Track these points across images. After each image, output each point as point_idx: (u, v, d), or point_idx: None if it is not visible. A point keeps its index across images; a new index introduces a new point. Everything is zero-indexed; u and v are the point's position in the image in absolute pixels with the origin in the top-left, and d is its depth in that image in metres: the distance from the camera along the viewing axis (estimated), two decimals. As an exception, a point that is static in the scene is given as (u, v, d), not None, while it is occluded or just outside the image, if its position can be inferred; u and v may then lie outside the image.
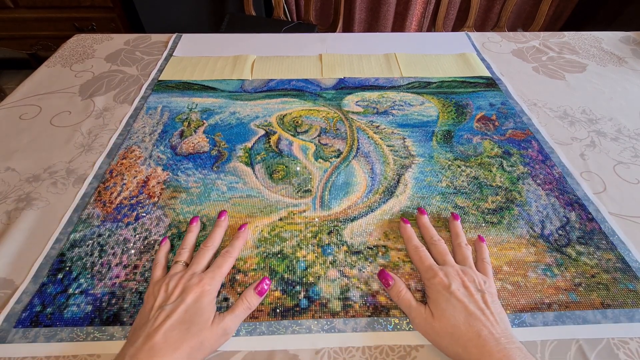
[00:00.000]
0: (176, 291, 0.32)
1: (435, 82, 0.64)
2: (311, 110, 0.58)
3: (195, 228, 0.40)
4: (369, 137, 0.53)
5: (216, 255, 0.37)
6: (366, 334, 0.33)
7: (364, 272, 0.37)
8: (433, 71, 0.67)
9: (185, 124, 0.55)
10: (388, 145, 0.52)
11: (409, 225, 0.40)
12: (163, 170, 0.48)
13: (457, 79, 0.65)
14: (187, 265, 0.35)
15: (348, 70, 0.67)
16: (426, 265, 0.35)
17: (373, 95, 0.61)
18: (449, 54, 0.72)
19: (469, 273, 0.33)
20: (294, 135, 0.53)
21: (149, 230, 0.40)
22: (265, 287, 0.34)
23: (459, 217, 0.41)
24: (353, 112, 0.58)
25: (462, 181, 0.46)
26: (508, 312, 0.34)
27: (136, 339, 0.28)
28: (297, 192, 0.45)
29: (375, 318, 0.34)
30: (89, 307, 0.34)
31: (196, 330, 0.29)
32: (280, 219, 0.42)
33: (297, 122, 0.56)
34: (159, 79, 0.65)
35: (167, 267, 0.36)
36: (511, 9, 1.13)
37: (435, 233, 0.39)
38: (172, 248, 0.39)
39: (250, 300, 0.33)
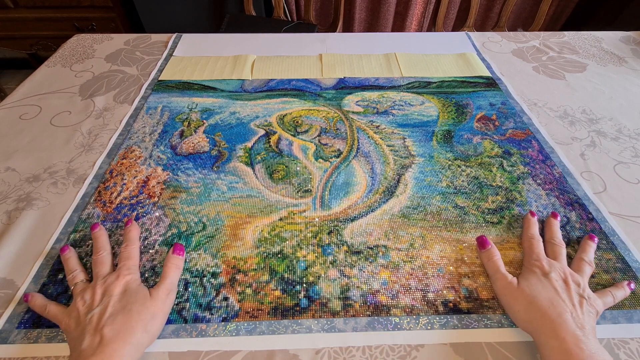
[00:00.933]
0: (97, 296, 0.30)
1: (435, 82, 0.64)
2: (311, 110, 0.58)
3: (70, 253, 0.36)
4: (369, 137, 0.53)
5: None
6: (366, 333, 0.33)
7: (364, 271, 0.37)
8: (433, 71, 0.67)
9: (186, 123, 0.55)
10: (388, 145, 0.52)
11: (535, 217, 0.40)
12: (163, 170, 0.48)
13: (457, 79, 0.65)
14: (88, 281, 0.34)
15: (348, 70, 0.67)
16: (535, 252, 0.35)
17: (373, 95, 0.61)
18: (449, 53, 0.72)
19: (577, 278, 0.33)
20: (294, 135, 0.53)
21: (149, 230, 0.40)
22: (179, 249, 0.36)
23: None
24: (353, 112, 0.58)
25: (462, 181, 0.46)
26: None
27: (80, 347, 0.27)
28: (297, 192, 0.45)
29: (376, 318, 0.34)
30: (90, 307, 0.34)
31: (139, 307, 0.29)
32: (281, 219, 0.42)
33: (297, 122, 0.56)
34: (159, 78, 0.65)
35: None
36: (511, 8, 1.13)
37: (560, 237, 0.38)
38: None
39: (177, 263, 0.35)
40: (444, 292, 0.35)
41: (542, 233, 0.40)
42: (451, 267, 0.37)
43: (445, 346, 0.32)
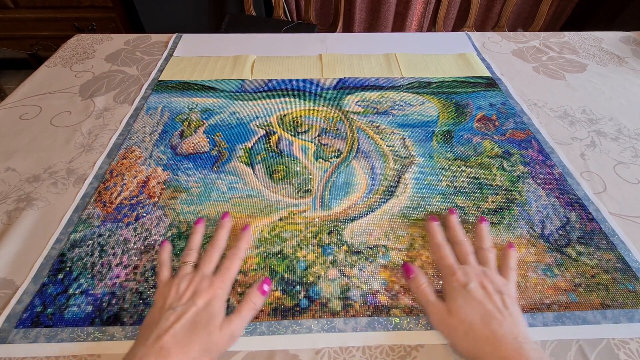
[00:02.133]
0: (187, 293, 0.31)
1: (435, 82, 0.64)
2: (311, 110, 0.58)
3: (201, 228, 0.40)
4: (369, 137, 0.53)
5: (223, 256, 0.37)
6: (366, 333, 0.33)
7: (364, 271, 0.37)
8: (433, 71, 0.67)
9: (186, 124, 0.55)
10: (388, 145, 0.52)
11: (436, 222, 0.40)
12: (163, 170, 0.48)
13: (457, 79, 0.65)
14: (195, 266, 0.35)
15: (348, 70, 0.67)
16: (446, 263, 0.35)
17: (373, 95, 0.61)
18: (449, 54, 0.72)
19: (489, 275, 0.33)
20: (294, 135, 0.53)
21: (149, 230, 0.40)
22: (267, 287, 0.34)
23: (487, 220, 0.41)
24: (353, 112, 0.58)
25: (462, 181, 0.46)
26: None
27: (146, 339, 0.28)
28: (297, 192, 0.45)
29: (376, 318, 0.34)
30: (90, 308, 0.34)
31: (205, 333, 0.29)
32: (281, 219, 0.42)
33: (297, 122, 0.56)
34: (159, 79, 0.65)
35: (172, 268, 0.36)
36: (511, 9, 1.13)
37: (463, 233, 0.38)
38: (173, 248, 0.39)
39: (255, 301, 0.33)
40: (444, 291, 0.35)
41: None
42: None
43: (445, 346, 0.32)
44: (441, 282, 0.35)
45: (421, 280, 0.34)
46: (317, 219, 0.42)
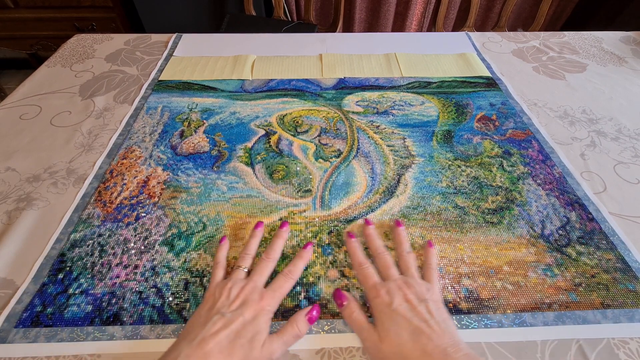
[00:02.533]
0: (237, 301, 0.31)
1: (435, 82, 0.64)
2: (311, 110, 0.58)
3: (259, 233, 0.39)
4: (369, 137, 0.53)
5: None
6: (366, 334, 0.33)
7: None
8: (433, 71, 0.67)
9: (186, 124, 0.55)
10: (388, 145, 0.52)
11: (353, 239, 0.39)
12: (163, 170, 0.48)
13: (458, 79, 0.65)
14: (248, 272, 0.35)
15: (348, 70, 0.67)
16: (370, 284, 0.34)
17: (373, 95, 0.61)
18: (449, 54, 0.72)
19: (411, 284, 0.33)
20: (294, 135, 0.53)
21: (149, 230, 0.40)
22: (315, 314, 0.33)
23: (402, 223, 0.40)
24: (353, 112, 0.58)
25: (462, 181, 0.46)
26: (508, 311, 0.34)
27: (192, 339, 0.28)
28: (297, 192, 0.45)
29: (376, 318, 0.34)
30: (90, 307, 0.34)
31: (248, 348, 0.29)
32: (281, 219, 0.42)
33: (297, 122, 0.56)
34: (159, 79, 0.65)
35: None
36: (511, 8, 1.13)
37: (381, 244, 0.38)
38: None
39: (300, 327, 0.32)
40: (444, 292, 0.35)
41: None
42: (451, 267, 0.37)
43: (445, 346, 0.32)
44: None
45: (353, 307, 0.33)
46: (317, 219, 0.42)
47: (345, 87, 0.63)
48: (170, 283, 0.36)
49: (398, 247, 0.38)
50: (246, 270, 0.35)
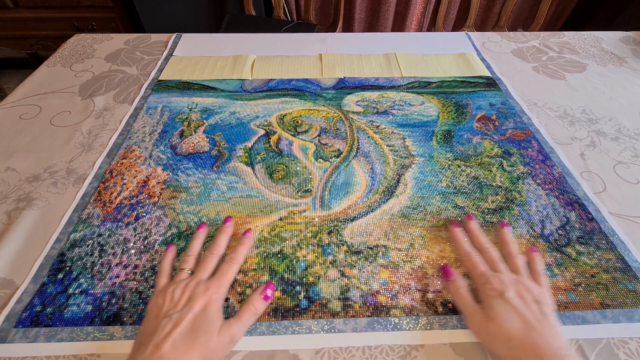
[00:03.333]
0: (183, 299, 0.31)
1: (435, 82, 0.64)
2: (311, 110, 0.58)
3: (202, 234, 0.39)
4: (369, 137, 0.53)
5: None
6: (366, 334, 0.33)
7: (364, 272, 0.37)
8: (433, 71, 0.67)
9: (185, 123, 0.55)
10: (388, 145, 0.52)
11: (458, 229, 0.39)
12: (163, 170, 0.48)
13: (457, 79, 0.65)
14: (192, 272, 0.35)
15: (348, 70, 0.67)
16: (479, 271, 0.34)
17: (373, 95, 0.61)
18: (449, 53, 0.72)
19: (525, 282, 0.32)
20: (294, 135, 0.53)
21: (149, 230, 0.40)
22: (270, 293, 0.34)
23: (508, 224, 0.40)
24: (353, 112, 0.58)
25: (462, 181, 0.46)
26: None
27: (144, 349, 0.28)
28: (297, 192, 0.45)
29: (375, 318, 0.34)
30: (89, 307, 0.34)
31: (204, 339, 0.29)
32: (280, 219, 0.42)
33: (297, 121, 0.56)
34: (159, 78, 0.65)
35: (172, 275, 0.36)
36: (511, 8, 1.13)
37: (487, 240, 0.38)
38: (177, 255, 0.38)
39: (257, 306, 0.33)
40: (444, 292, 0.35)
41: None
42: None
43: (445, 346, 0.32)
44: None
45: (460, 283, 0.34)
46: (317, 219, 0.42)
47: (345, 87, 0.63)
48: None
49: (505, 247, 0.37)
50: (189, 272, 0.35)
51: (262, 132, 0.54)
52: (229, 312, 0.34)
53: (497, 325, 0.30)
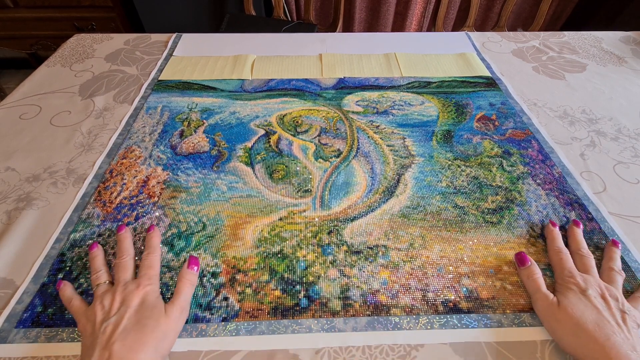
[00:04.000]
0: (115, 304, 0.30)
1: (435, 82, 0.64)
2: (311, 110, 0.58)
3: (98, 252, 0.37)
4: (369, 136, 0.53)
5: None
6: (366, 333, 0.33)
7: (364, 271, 0.37)
8: (433, 71, 0.67)
9: (185, 123, 0.55)
10: (388, 145, 0.52)
11: (556, 228, 0.39)
12: (163, 170, 0.48)
13: (457, 79, 0.65)
14: (111, 283, 0.34)
15: (348, 70, 0.67)
16: (567, 267, 0.34)
17: (373, 95, 0.61)
18: (449, 53, 0.72)
19: (613, 291, 0.32)
20: (294, 135, 0.53)
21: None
22: (194, 263, 0.36)
23: (581, 223, 0.40)
24: (353, 112, 0.58)
25: (462, 181, 0.46)
26: (508, 311, 0.34)
27: (90, 355, 0.26)
28: (297, 191, 0.45)
29: (376, 317, 0.34)
30: (89, 307, 0.34)
31: (153, 324, 0.29)
32: (280, 219, 0.42)
33: (297, 121, 0.56)
34: (159, 78, 0.65)
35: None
36: (511, 8, 1.13)
37: (586, 247, 0.37)
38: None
39: (191, 278, 0.34)
40: (444, 291, 0.35)
41: (565, 242, 0.39)
42: (451, 267, 0.37)
43: (445, 346, 0.32)
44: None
45: (535, 270, 0.34)
46: (317, 219, 0.42)
47: (345, 87, 0.63)
48: (170, 283, 0.36)
49: (609, 261, 0.36)
50: (107, 282, 0.34)
51: (262, 132, 0.54)
52: (229, 312, 0.34)
53: (568, 313, 0.29)
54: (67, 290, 0.34)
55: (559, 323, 0.30)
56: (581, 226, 0.40)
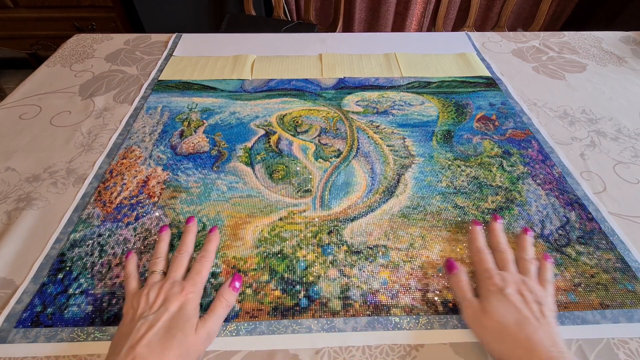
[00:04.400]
0: (158, 301, 0.31)
1: (435, 82, 0.64)
2: (311, 110, 0.58)
3: (166, 236, 0.39)
4: (369, 137, 0.53)
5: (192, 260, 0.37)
6: (366, 333, 0.33)
7: (364, 271, 0.37)
8: (433, 71, 0.67)
9: (185, 123, 0.55)
10: (388, 145, 0.52)
11: (479, 227, 0.40)
12: (163, 170, 0.48)
13: (457, 79, 0.65)
14: (164, 274, 0.35)
15: (348, 70, 0.67)
16: (485, 266, 0.35)
17: (373, 95, 0.61)
18: (449, 53, 0.72)
19: (529, 283, 0.32)
20: (294, 135, 0.53)
21: (149, 230, 0.40)
22: (238, 284, 0.35)
23: (531, 231, 0.40)
24: (353, 112, 0.58)
25: (462, 181, 0.46)
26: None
27: (118, 351, 0.27)
28: (297, 192, 0.45)
29: (376, 317, 0.34)
30: (90, 307, 0.34)
31: (181, 337, 0.29)
32: (280, 219, 0.42)
33: (297, 122, 0.56)
34: (159, 78, 0.65)
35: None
36: (511, 8, 1.13)
37: (506, 242, 0.38)
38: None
39: (228, 298, 0.33)
40: (444, 292, 0.35)
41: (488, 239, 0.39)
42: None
43: (445, 346, 0.32)
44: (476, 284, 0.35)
45: (462, 277, 0.34)
46: (317, 219, 0.42)
47: (345, 87, 0.63)
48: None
49: (521, 251, 0.37)
50: (161, 272, 0.35)
51: (262, 132, 0.54)
52: (229, 312, 0.34)
53: (493, 319, 0.30)
54: (130, 266, 0.36)
55: (485, 330, 0.30)
56: (500, 221, 0.40)
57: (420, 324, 0.33)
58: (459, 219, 0.42)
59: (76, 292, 0.35)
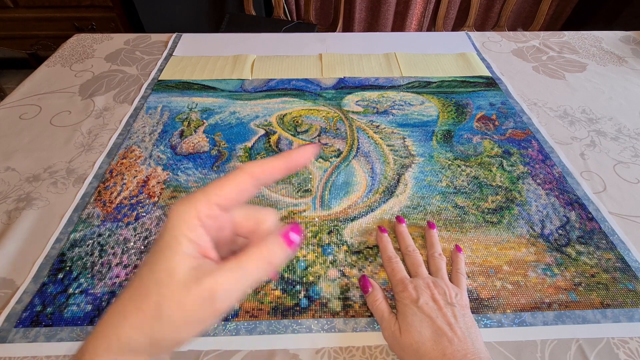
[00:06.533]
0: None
1: (435, 82, 0.64)
2: (311, 109, 0.58)
3: (386, 236, 0.39)
4: (369, 136, 0.53)
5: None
6: (366, 333, 0.33)
7: (364, 271, 0.37)
8: (433, 71, 0.67)
9: (185, 123, 0.55)
10: (388, 145, 0.52)
11: (385, 234, 0.39)
12: (163, 170, 0.48)
13: (457, 79, 0.65)
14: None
15: (348, 70, 0.67)
16: (397, 278, 0.34)
17: (373, 94, 0.61)
18: (449, 53, 0.72)
19: (440, 285, 0.33)
20: (294, 135, 0.53)
21: (149, 230, 0.40)
22: (297, 236, 0.18)
23: (435, 225, 0.40)
24: (353, 112, 0.58)
25: (462, 181, 0.46)
26: (508, 311, 0.34)
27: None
28: (297, 191, 0.45)
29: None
30: (89, 307, 0.34)
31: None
32: (280, 219, 0.42)
33: (297, 121, 0.56)
34: (159, 78, 0.65)
35: None
36: (511, 8, 1.13)
37: (412, 243, 0.38)
38: None
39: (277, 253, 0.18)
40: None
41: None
42: (451, 267, 0.37)
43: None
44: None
45: (377, 295, 0.33)
46: (317, 219, 0.42)
47: (345, 86, 0.63)
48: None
49: (430, 248, 0.38)
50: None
51: (262, 132, 0.54)
52: (229, 311, 0.34)
53: (409, 337, 0.29)
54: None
55: (404, 351, 0.30)
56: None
57: (420, 323, 0.33)
58: (459, 218, 0.42)
59: (76, 291, 0.35)
